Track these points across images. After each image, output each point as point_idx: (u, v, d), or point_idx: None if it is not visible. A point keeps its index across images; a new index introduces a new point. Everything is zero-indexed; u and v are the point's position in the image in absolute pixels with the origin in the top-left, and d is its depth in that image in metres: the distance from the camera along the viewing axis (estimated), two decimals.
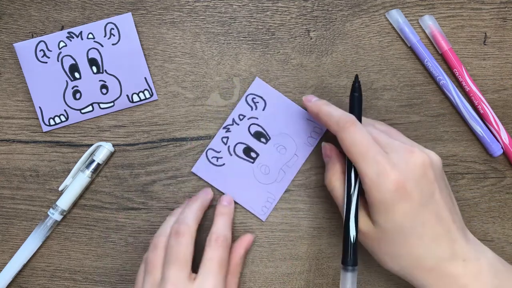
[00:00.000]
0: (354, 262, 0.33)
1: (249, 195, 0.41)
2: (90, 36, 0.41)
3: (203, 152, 0.41)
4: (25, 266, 0.41)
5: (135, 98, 0.41)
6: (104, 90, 0.41)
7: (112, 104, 0.41)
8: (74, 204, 0.41)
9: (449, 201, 0.33)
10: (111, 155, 0.41)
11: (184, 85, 0.41)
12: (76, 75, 0.41)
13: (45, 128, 0.41)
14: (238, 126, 0.41)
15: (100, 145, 0.40)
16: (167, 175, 0.41)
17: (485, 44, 0.42)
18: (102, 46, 0.41)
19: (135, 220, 0.42)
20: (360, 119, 0.36)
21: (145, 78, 0.41)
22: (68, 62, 0.41)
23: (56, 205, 0.40)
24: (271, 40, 0.41)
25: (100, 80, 0.41)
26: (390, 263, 0.34)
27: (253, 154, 0.41)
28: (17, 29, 0.41)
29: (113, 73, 0.41)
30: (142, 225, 0.42)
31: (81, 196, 0.41)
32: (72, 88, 0.41)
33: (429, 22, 0.41)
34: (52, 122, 0.41)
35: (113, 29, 0.41)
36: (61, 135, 0.41)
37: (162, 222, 0.41)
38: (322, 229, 0.42)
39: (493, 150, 0.41)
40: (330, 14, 0.41)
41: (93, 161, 0.40)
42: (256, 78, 0.41)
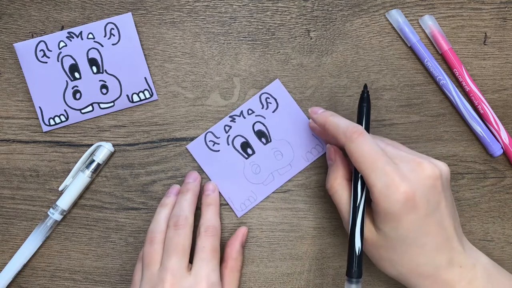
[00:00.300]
0: (358, 274, 0.33)
1: (233, 188, 0.41)
2: (90, 36, 0.41)
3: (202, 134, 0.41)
4: (25, 266, 0.41)
5: (135, 98, 0.41)
6: (104, 90, 0.41)
7: (112, 104, 0.41)
8: (74, 204, 0.41)
9: (452, 208, 0.34)
10: (111, 155, 0.41)
11: (184, 85, 0.41)
12: (76, 75, 0.41)
13: (45, 128, 0.41)
14: (243, 120, 0.41)
15: (100, 145, 0.40)
16: (167, 175, 0.41)
17: (485, 44, 0.42)
18: (102, 46, 0.41)
19: (135, 220, 0.42)
20: (368, 129, 0.35)
21: (145, 78, 0.41)
22: (68, 62, 0.41)
23: (56, 205, 0.40)
24: (271, 40, 0.41)
25: (100, 80, 0.41)
26: (389, 269, 0.34)
27: (249, 151, 0.41)
28: (17, 29, 0.41)
29: (113, 73, 0.41)
30: (142, 225, 0.42)
31: (81, 196, 0.41)
32: (72, 88, 0.41)
33: (429, 22, 0.41)
34: (52, 122, 0.41)
35: (113, 29, 0.41)
36: (61, 135, 0.41)
37: None
38: (322, 229, 0.42)
39: (493, 150, 0.41)
40: (330, 14, 0.41)
41: (93, 161, 0.40)
42: (277, 79, 0.41)
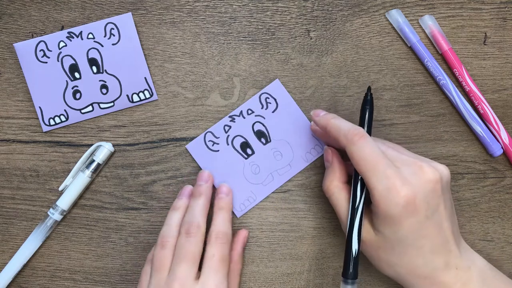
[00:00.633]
0: (354, 275, 0.33)
1: (232, 188, 0.41)
2: (90, 36, 0.41)
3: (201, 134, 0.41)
4: (25, 266, 0.41)
5: (135, 98, 0.41)
6: (104, 90, 0.41)
7: (112, 104, 0.41)
8: (74, 204, 0.41)
9: (450, 211, 0.34)
10: (111, 155, 0.41)
11: (184, 85, 0.41)
12: (76, 75, 0.41)
13: (45, 128, 0.41)
14: (243, 120, 0.41)
15: (100, 145, 0.40)
16: (167, 175, 0.41)
17: (485, 44, 0.42)
18: (102, 46, 0.41)
19: (135, 220, 0.42)
20: (370, 132, 0.35)
21: (145, 78, 0.41)
22: (68, 62, 0.41)
23: (56, 205, 0.40)
24: (271, 40, 0.41)
25: (100, 80, 0.41)
26: (386, 269, 0.34)
27: (248, 151, 0.41)
28: (17, 29, 0.41)
29: (113, 73, 0.41)
30: (142, 225, 0.42)
31: (81, 196, 0.41)
32: (72, 88, 0.41)
33: (429, 22, 0.41)
34: (52, 122, 0.41)
35: (113, 29, 0.41)
36: (61, 135, 0.41)
37: (162, 222, 0.41)
38: (322, 229, 0.42)
39: (493, 150, 0.41)
40: (330, 14, 0.41)
41: (93, 161, 0.40)
42: (276, 80, 0.41)
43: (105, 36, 0.41)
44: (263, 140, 0.41)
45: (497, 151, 0.41)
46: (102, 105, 0.41)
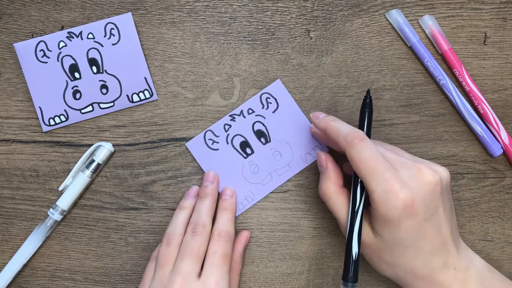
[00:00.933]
0: (354, 279, 0.33)
1: (231, 187, 0.41)
2: (90, 36, 0.41)
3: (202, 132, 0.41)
4: (25, 266, 0.41)
5: (135, 98, 0.41)
6: (104, 90, 0.41)
7: (112, 104, 0.41)
8: (74, 204, 0.41)
9: (450, 212, 0.34)
10: (111, 155, 0.41)
11: (184, 85, 0.41)
12: (76, 75, 0.41)
13: (45, 128, 0.41)
14: (243, 119, 0.41)
15: (100, 145, 0.40)
16: (167, 175, 0.41)
17: (485, 44, 0.42)
18: (102, 46, 0.41)
19: (135, 220, 0.42)
20: (370, 135, 0.35)
21: (145, 78, 0.41)
22: (68, 62, 0.41)
23: (56, 205, 0.40)
24: (271, 40, 0.41)
25: (100, 80, 0.41)
26: (386, 270, 0.34)
27: (248, 150, 0.41)
28: (17, 29, 0.41)
29: (113, 73, 0.41)
30: (142, 225, 0.42)
31: (81, 196, 0.41)
32: (72, 88, 0.41)
33: (429, 22, 0.41)
34: (52, 122, 0.41)
35: (113, 29, 0.41)
36: (61, 135, 0.41)
37: (162, 222, 0.41)
38: (322, 229, 0.42)
39: (493, 150, 0.41)
40: (330, 14, 0.41)
41: (93, 161, 0.40)
42: (278, 80, 0.41)
43: (105, 36, 0.41)
44: (263, 140, 0.41)
45: (497, 151, 0.41)
46: (102, 105, 0.41)
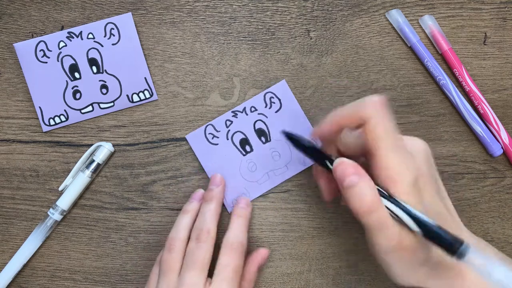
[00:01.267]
0: (459, 241, 0.27)
1: (227, 183, 0.41)
2: (90, 36, 0.41)
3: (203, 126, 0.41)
4: (25, 266, 0.41)
5: (135, 98, 0.41)
6: (104, 90, 0.41)
7: (112, 104, 0.41)
8: (74, 204, 0.41)
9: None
10: (111, 155, 0.41)
11: (184, 85, 0.41)
12: (76, 75, 0.41)
13: (45, 128, 0.41)
14: (246, 116, 0.41)
15: (100, 145, 0.40)
16: (167, 175, 0.41)
17: (485, 44, 0.42)
18: (102, 46, 0.41)
19: (135, 220, 0.42)
20: (327, 160, 0.32)
21: (145, 78, 0.41)
22: (68, 62, 0.41)
23: (56, 205, 0.40)
24: (271, 40, 0.41)
25: (100, 80, 0.41)
26: (418, 273, 0.31)
27: (247, 148, 0.41)
28: (17, 29, 0.41)
29: (113, 73, 0.41)
30: (142, 225, 0.42)
31: (81, 196, 0.41)
32: (72, 88, 0.41)
33: (429, 22, 0.41)
34: (52, 122, 0.41)
35: (113, 29, 0.41)
36: (61, 135, 0.41)
37: (163, 222, 0.41)
38: (322, 229, 0.42)
39: (493, 150, 0.41)
40: (330, 14, 0.41)
41: (93, 161, 0.40)
42: (283, 80, 0.41)
43: (105, 36, 0.41)
44: (263, 138, 0.41)
45: (497, 151, 0.41)
46: (102, 105, 0.41)
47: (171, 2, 0.41)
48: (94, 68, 0.41)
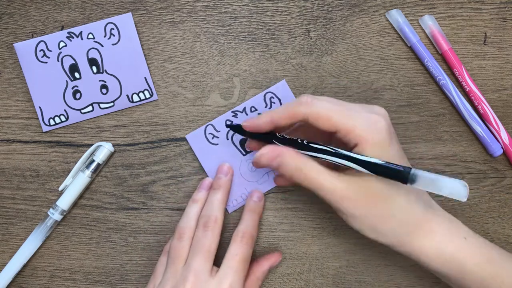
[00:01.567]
0: (407, 170, 0.29)
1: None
2: (90, 36, 0.41)
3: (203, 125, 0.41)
4: (25, 266, 0.41)
5: (135, 98, 0.41)
6: (104, 90, 0.41)
7: (112, 104, 0.41)
8: (74, 204, 0.41)
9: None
10: (111, 155, 0.41)
11: (184, 85, 0.41)
12: (76, 75, 0.41)
13: (45, 128, 0.41)
14: (246, 116, 0.41)
15: (100, 145, 0.40)
16: (167, 175, 0.41)
17: (485, 44, 0.42)
18: (102, 46, 0.41)
19: (135, 220, 0.42)
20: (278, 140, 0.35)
21: (145, 78, 0.41)
22: (68, 62, 0.41)
23: (56, 205, 0.40)
24: (271, 40, 0.41)
25: (100, 80, 0.41)
26: (380, 224, 0.33)
27: (248, 148, 0.41)
28: (17, 29, 0.41)
29: (113, 73, 0.41)
30: (142, 225, 0.42)
31: (81, 196, 0.41)
32: (72, 88, 0.41)
33: (429, 22, 0.41)
34: (52, 122, 0.41)
35: (113, 29, 0.41)
36: (61, 135, 0.41)
37: (163, 222, 0.41)
38: (322, 229, 0.42)
39: (493, 150, 0.41)
40: (330, 14, 0.41)
41: (93, 161, 0.40)
42: (283, 80, 0.41)
43: (105, 36, 0.41)
44: None
45: (497, 151, 0.41)
46: (102, 105, 0.41)
47: (171, 2, 0.41)
48: (94, 68, 0.41)
